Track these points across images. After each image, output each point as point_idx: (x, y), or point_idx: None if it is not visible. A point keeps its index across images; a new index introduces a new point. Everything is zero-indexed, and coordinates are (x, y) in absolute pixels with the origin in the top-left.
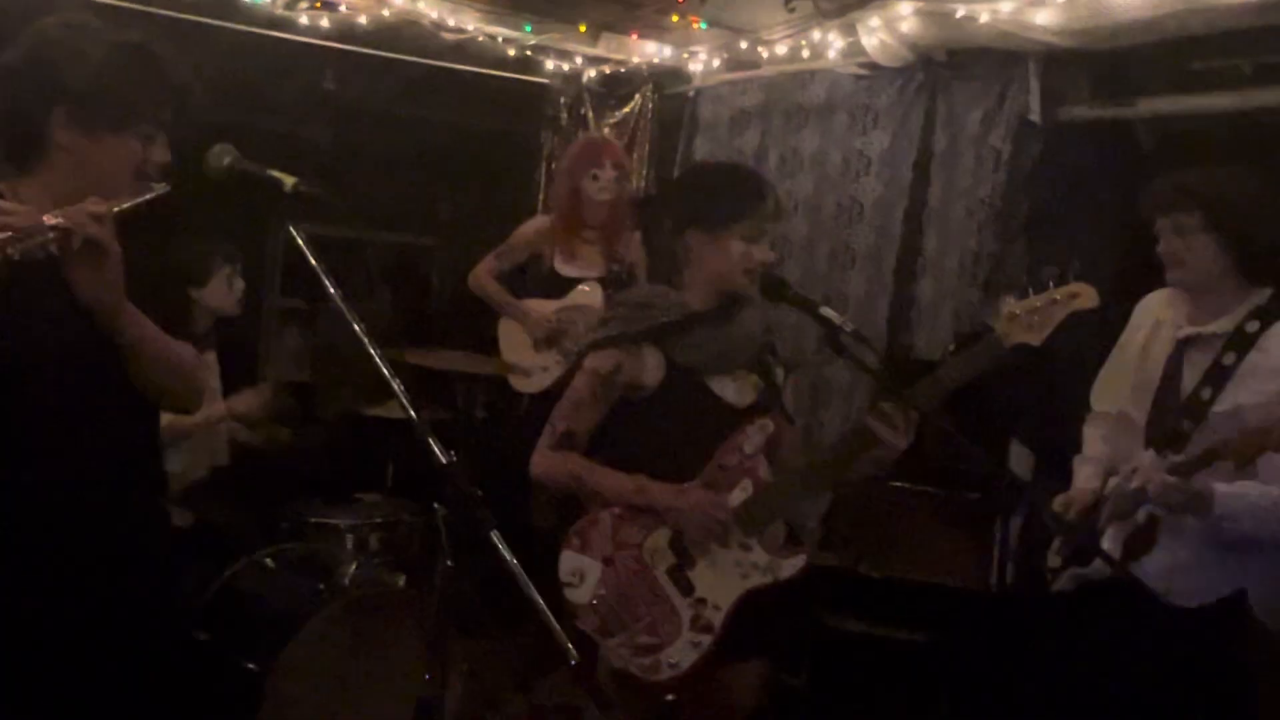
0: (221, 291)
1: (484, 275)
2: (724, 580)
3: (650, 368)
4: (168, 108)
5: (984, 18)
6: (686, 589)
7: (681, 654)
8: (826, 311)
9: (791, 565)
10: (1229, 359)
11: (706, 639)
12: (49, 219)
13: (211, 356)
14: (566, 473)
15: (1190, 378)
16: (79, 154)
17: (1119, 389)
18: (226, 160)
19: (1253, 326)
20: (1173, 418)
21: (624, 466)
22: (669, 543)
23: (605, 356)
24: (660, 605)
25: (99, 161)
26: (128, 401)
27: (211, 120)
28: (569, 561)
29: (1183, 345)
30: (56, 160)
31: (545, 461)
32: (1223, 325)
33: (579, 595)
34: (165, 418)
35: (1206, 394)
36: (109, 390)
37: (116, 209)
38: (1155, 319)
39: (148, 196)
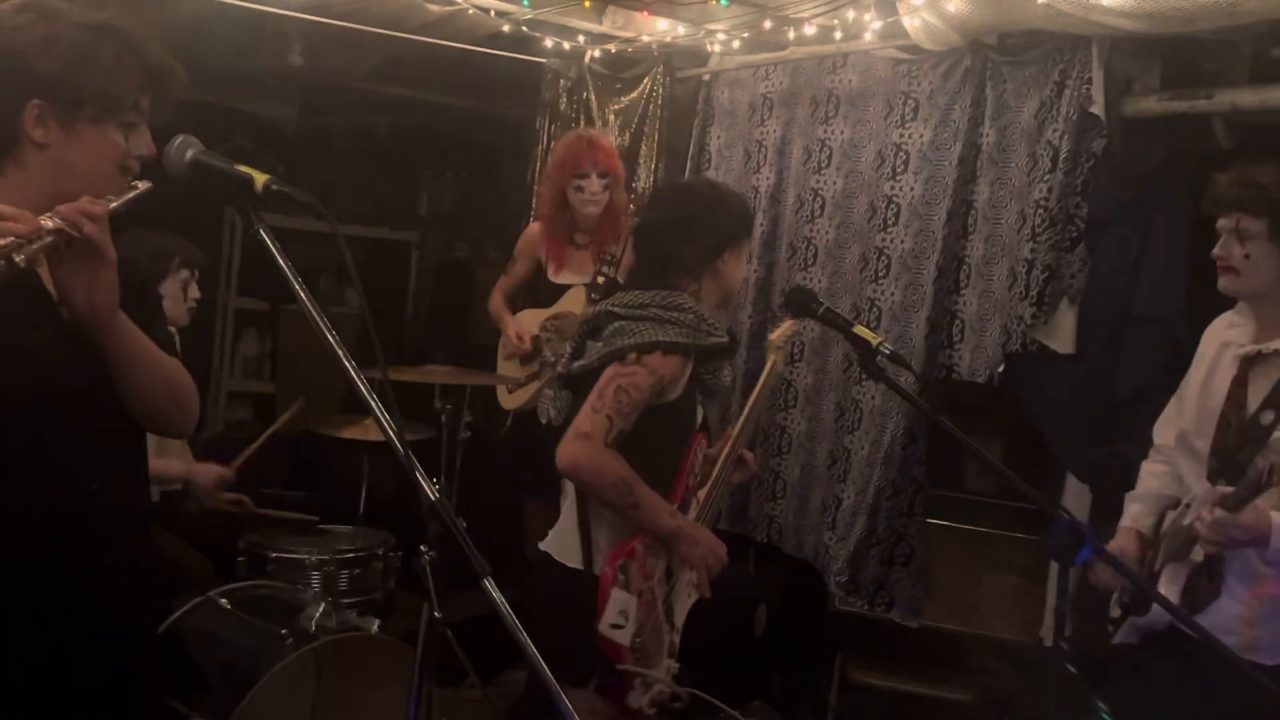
0: (174, 296)
1: (496, 295)
2: (683, 602)
3: (683, 382)
4: (148, 93)
5: None
6: (670, 616)
7: (666, 682)
8: (861, 331)
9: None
10: None
11: (674, 663)
12: (45, 221)
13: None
14: (619, 478)
15: (1255, 400)
16: (56, 150)
17: (1182, 419)
18: (189, 154)
19: None
20: (1233, 445)
21: None
22: (665, 571)
23: (673, 363)
24: (660, 637)
25: (79, 157)
26: (116, 423)
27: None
28: (619, 601)
29: (1246, 365)
30: (31, 159)
31: (598, 458)
32: None
33: (624, 636)
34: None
35: (1268, 418)
36: (96, 410)
37: (111, 206)
38: (1221, 342)
39: (137, 193)
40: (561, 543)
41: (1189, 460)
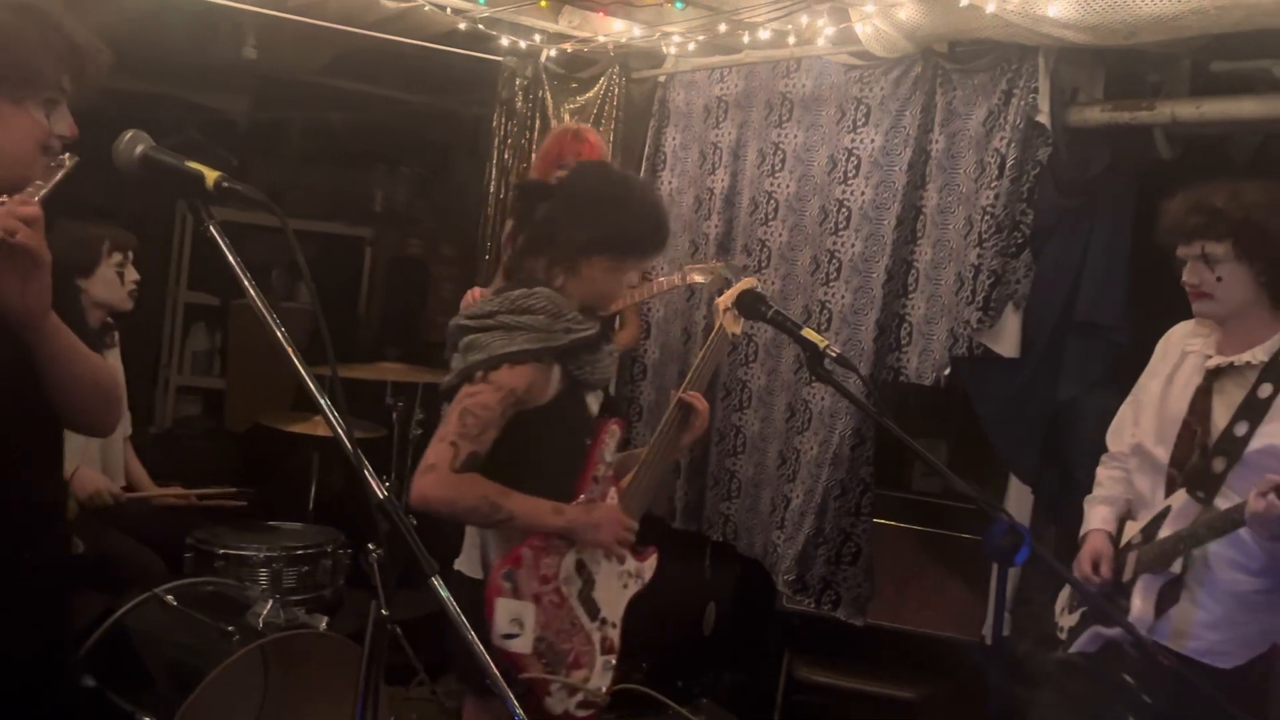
0: (110, 282)
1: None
2: (614, 596)
3: (553, 383)
4: (70, 72)
5: (990, 7)
6: (594, 612)
7: (602, 679)
8: (809, 334)
9: (650, 567)
10: (1265, 391)
11: (613, 658)
12: None
13: (114, 357)
14: (478, 497)
15: (1221, 412)
16: None
17: (1138, 427)
18: (139, 150)
19: None
20: (1203, 456)
21: (507, 483)
22: (575, 568)
23: (523, 373)
24: (579, 634)
25: (0, 137)
26: (34, 418)
27: (112, 87)
28: (507, 610)
29: (1211, 376)
30: None
31: (446, 488)
32: (1257, 355)
33: (523, 644)
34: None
35: (1242, 430)
36: (15, 406)
37: (38, 197)
38: (1181, 351)
39: (64, 172)
40: (468, 556)
41: (1145, 468)
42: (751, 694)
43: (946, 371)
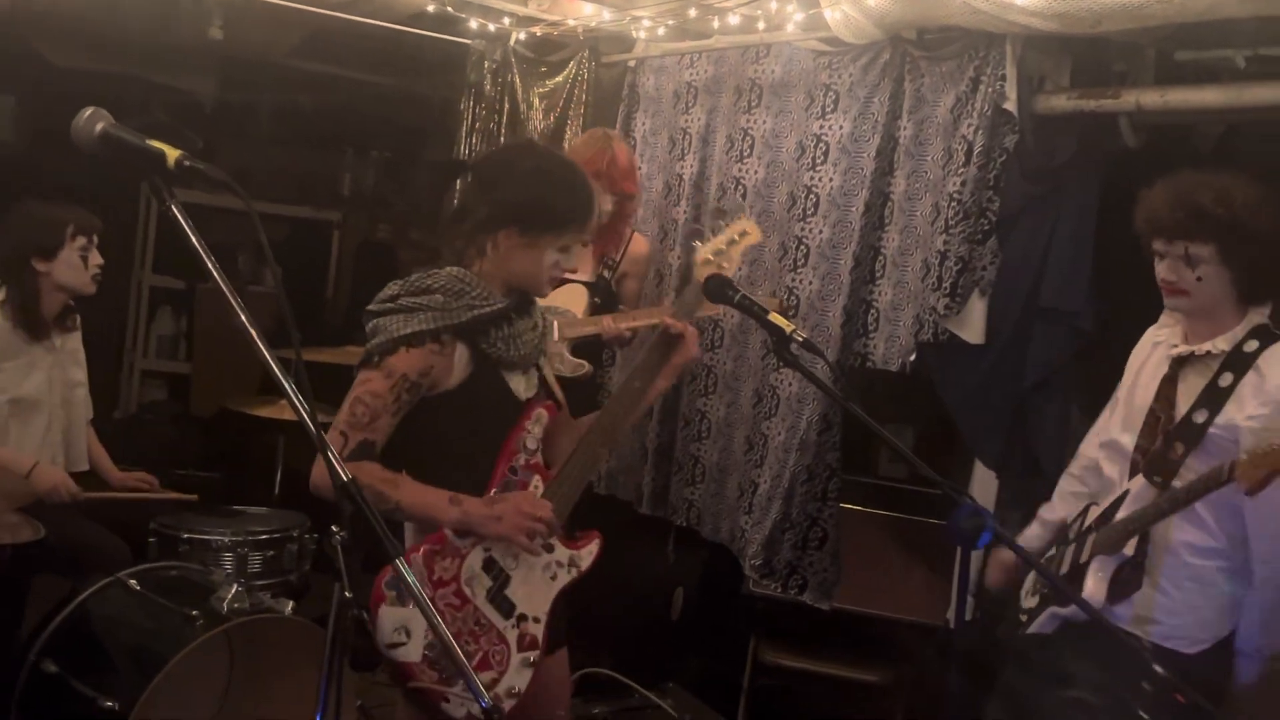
0: (74, 266)
1: None
2: (537, 590)
3: (459, 365)
4: None
5: None
6: (508, 610)
7: (517, 678)
8: (776, 318)
9: (589, 554)
10: (1225, 380)
11: (534, 654)
12: None
13: (75, 341)
14: (363, 487)
15: (1185, 400)
16: None
17: (1111, 421)
18: (99, 127)
19: (1251, 346)
20: (1164, 442)
21: (415, 471)
22: (483, 566)
23: (417, 356)
24: (487, 634)
25: None
26: None
27: (77, 68)
28: (390, 619)
29: (1177, 365)
30: None
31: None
32: (1219, 345)
33: (410, 653)
34: None
35: (1201, 417)
36: None
37: None
38: (1151, 343)
39: None
40: None
41: (1114, 456)
42: (718, 678)
43: (912, 357)
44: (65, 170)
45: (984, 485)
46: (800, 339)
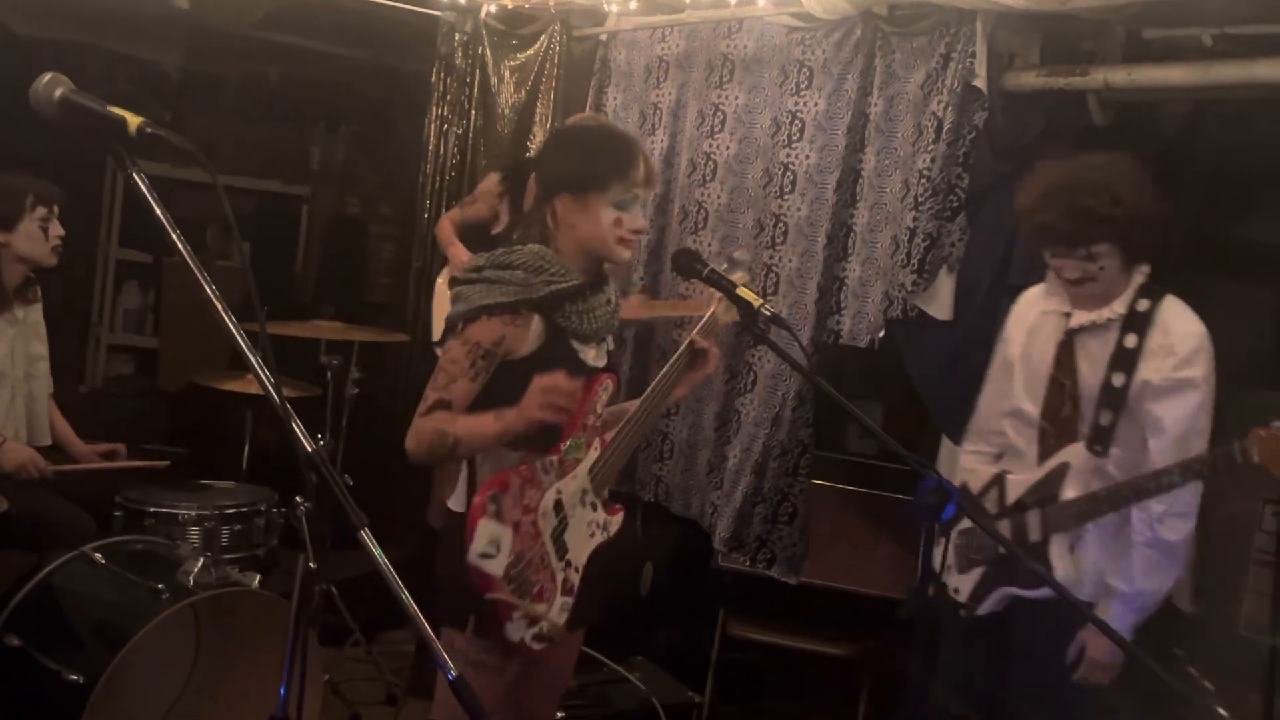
0: (34, 237)
1: (444, 221)
2: (581, 542)
3: (533, 335)
4: None
5: None
6: (562, 551)
7: (557, 617)
8: (744, 292)
9: (617, 522)
10: (1131, 341)
11: (569, 600)
12: None
13: (36, 313)
14: (430, 432)
15: (1088, 367)
16: None
17: (1010, 390)
18: (58, 93)
19: (1144, 305)
20: (1073, 408)
21: None
22: (554, 506)
23: (492, 326)
24: (546, 570)
25: None
26: None
27: (39, 36)
28: (488, 530)
29: (1073, 333)
30: None
31: (413, 432)
32: (1116, 309)
33: (496, 566)
34: None
35: (1119, 380)
36: None
37: None
38: (1040, 311)
39: None
40: (457, 493)
41: (1019, 426)
42: (686, 651)
43: (881, 334)
44: (29, 141)
45: (951, 461)
46: (769, 313)
